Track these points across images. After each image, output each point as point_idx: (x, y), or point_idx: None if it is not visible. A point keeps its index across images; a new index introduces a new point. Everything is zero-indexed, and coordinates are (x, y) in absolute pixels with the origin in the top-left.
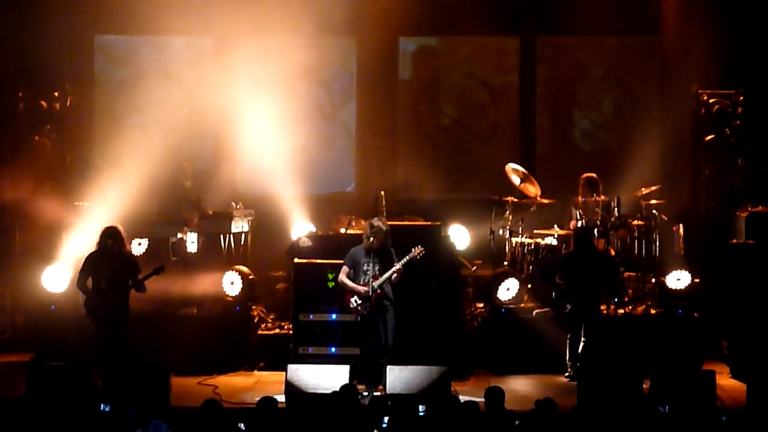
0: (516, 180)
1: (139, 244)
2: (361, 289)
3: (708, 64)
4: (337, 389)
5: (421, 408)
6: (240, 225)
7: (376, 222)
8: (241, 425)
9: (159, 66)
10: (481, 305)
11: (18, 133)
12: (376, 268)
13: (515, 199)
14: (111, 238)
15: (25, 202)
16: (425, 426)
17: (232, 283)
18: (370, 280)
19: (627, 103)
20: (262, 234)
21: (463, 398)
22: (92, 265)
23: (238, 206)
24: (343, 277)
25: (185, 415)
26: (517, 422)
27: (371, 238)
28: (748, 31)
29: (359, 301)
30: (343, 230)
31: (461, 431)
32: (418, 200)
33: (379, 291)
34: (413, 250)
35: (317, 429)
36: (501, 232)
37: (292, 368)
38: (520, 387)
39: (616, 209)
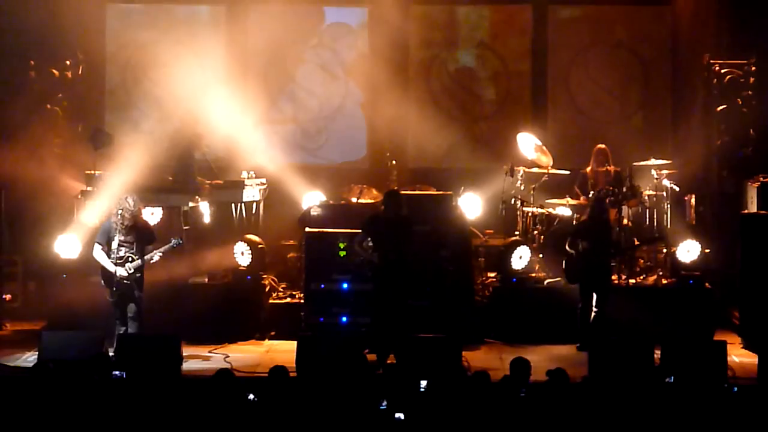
0: (528, 150)
1: (152, 213)
2: (375, 259)
3: (720, 34)
4: (347, 359)
5: (422, 383)
6: (252, 194)
7: (390, 191)
8: (251, 396)
9: (171, 34)
10: (492, 275)
11: (30, 102)
12: (391, 238)
13: (527, 169)
14: (126, 208)
15: (37, 170)
16: (427, 400)
17: (242, 254)
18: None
19: (639, 73)
20: (273, 203)
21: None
22: (107, 234)
23: (249, 175)
24: (359, 245)
25: (196, 383)
26: (523, 391)
27: (383, 207)
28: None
29: (371, 270)
30: (354, 200)
31: (471, 401)
32: (429, 169)
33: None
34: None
35: (328, 398)
36: (512, 201)
37: (303, 337)
38: (531, 357)
39: (627, 179)
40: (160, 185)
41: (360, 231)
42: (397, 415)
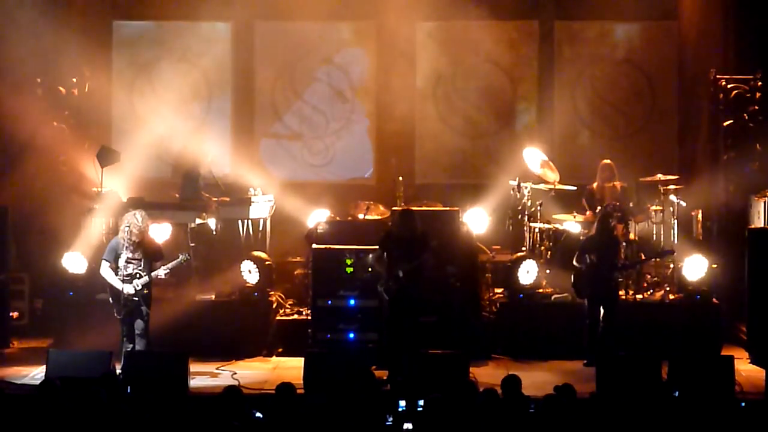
0: (534, 165)
1: (161, 230)
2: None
3: (726, 49)
4: (355, 375)
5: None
6: (259, 211)
7: (399, 209)
8: (258, 413)
9: (177, 51)
10: (499, 291)
11: (37, 120)
12: (402, 255)
13: (534, 185)
14: (134, 224)
15: (44, 187)
16: (437, 413)
17: (249, 272)
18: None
19: (645, 88)
20: (280, 220)
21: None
22: (115, 251)
23: (256, 192)
24: (376, 261)
25: (204, 401)
26: (533, 407)
27: (396, 226)
28: (767, 15)
29: (384, 285)
30: (361, 216)
31: (479, 418)
32: (436, 186)
33: (402, 276)
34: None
35: (335, 415)
36: (519, 217)
37: (311, 354)
38: (538, 373)
39: (634, 195)
40: (166, 202)
41: (377, 248)
42: (405, 425)
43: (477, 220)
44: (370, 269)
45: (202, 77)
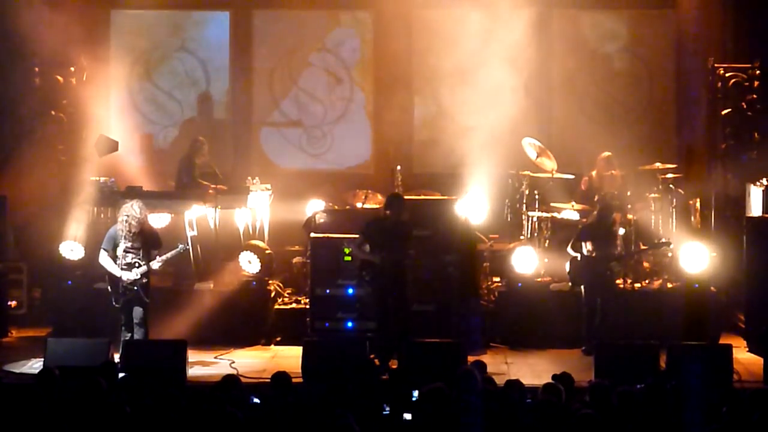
0: (532, 154)
1: (159, 219)
2: (374, 260)
3: (724, 38)
4: (353, 364)
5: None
6: (257, 200)
7: (392, 195)
8: (255, 399)
9: (175, 40)
10: (497, 280)
11: (34, 109)
12: (391, 242)
13: (532, 173)
14: (132, 216)
15: (42, 177)
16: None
17: (249, 262)
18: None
19: (643, 77)
20: (278, 208)
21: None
22: (113, 240)
23: (254, 181)
24: (357, 248)
25: (202, 389)
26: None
27: (387, 211)
28: (765, 3)
29: (369, 274)
30: (359, 205)
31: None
32: (434, 174)
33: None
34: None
35: (333, 404)
36: (518, 206)
37: (309, 343)
38: (536, 361)
39: (632, 183)
40: (164, 191)
41: (358, 235)
42: (405, 416)
43: (475, 209)
44: (350, 257)
45: (200, 66)
